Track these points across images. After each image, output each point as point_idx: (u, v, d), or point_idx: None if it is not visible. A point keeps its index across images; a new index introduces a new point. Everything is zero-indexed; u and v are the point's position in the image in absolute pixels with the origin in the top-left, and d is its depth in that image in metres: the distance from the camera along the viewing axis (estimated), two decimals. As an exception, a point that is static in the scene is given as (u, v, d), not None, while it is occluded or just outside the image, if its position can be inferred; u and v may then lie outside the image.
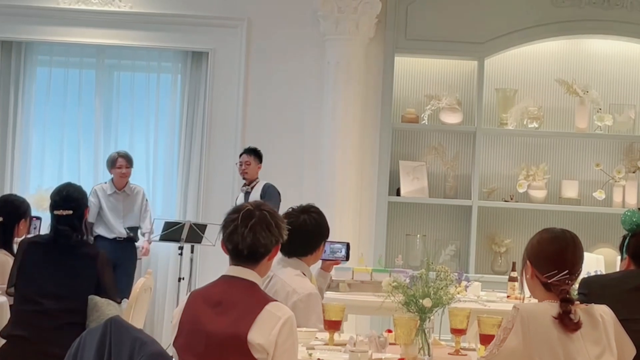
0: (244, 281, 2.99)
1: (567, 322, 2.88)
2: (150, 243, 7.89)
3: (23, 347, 4.59)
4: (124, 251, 7.62)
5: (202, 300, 3.00)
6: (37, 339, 4.56)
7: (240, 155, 7.66)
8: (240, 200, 7.38)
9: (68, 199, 4.65)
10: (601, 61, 8.12)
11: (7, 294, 4.79)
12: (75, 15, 8.17)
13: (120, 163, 7.72)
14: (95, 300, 4.66)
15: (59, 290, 4.57)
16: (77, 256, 4.61)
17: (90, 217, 7.41)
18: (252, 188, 7.54)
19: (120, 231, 7.68)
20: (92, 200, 7.57)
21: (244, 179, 7.61)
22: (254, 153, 7.60)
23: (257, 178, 7.60)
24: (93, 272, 4.59)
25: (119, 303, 4.69)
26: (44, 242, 4.68)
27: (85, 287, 4.59)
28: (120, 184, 7.77)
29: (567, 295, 2.94)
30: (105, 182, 7.83)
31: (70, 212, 4.64)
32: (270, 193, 7.36)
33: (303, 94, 8.10)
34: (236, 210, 3.04)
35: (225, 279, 3.03)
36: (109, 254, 5.01)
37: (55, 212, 4.63)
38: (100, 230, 7.70)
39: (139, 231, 7.87)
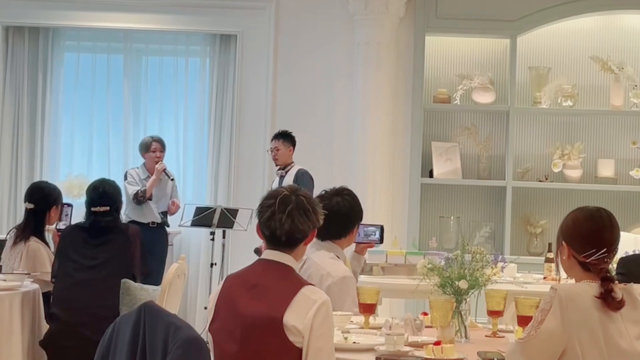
0: (280, 265, 3.01)
1: (609, 301, 2.83)
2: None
3: (59, 323, 4.70)
4: (157, 237, 7.57)
5: (238, 283, 3.01)
6: (71, 314, 4.67)
7: (271, 140, 7.55)
8: (276, 184, 7.31)
9: (105, 196, 4.93)
10: (636, 37, 8.00)
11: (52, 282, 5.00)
12: (102, -1, 8.17)
13: (155, 147, 7.65)
14: (128, 284, 4.74)
15: (92, 262, 4.82)
16: (110, 233, 4.91)
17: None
18: (286, 172, 7.42)
19: (155, 216, 7.61)
20: (132, 181, 7.54)
21: (276, 165, 7.51)
22: (283, 137, 7.45)
23: (292, 162, 7.47)
24: (125, 242, 4.89)
25: (143, 275, 4.87)
26: (83, 225, 4.96)
27: (117, 258, 4.75)
28: (154, 168, 7.70)
29: (607, 274, 2.87)
30: (137, 167, 7.72)
31: (108, 208, 4.93)
32: (303, 180, 7.22)
33: (333, 75, 8.05)
34: (272, 195, 3.04)
35: (262, 263, 3.04)
36: (143, 239, 5.11)
37: (93, 209, 4.82)
38: (133, 216, 7.60)
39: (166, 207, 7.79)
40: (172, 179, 7.72)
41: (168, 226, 7.73)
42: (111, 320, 2.90)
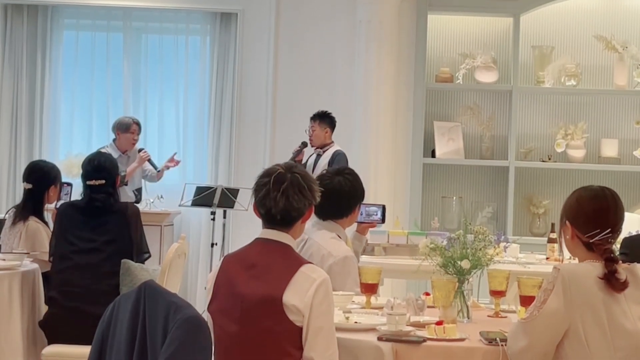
0: (278, 244, 2.99)
1: (613, 282, 2.82)
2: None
3: (59, 307, 4.67)
4: None
5: (237, 263, 2.99)
6: (70, 299, 4.63)
7: (310, 120, 7.41)
8: (312, 161, 7.32)
9: (100, 169, 4.82)
10: (640, 16, 7.95)
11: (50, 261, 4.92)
12: (101, -23, 8.12)
13: (134, 129, 7.55)
14: (128, 264, 4.71)
15: (91, 244, 4.73)
16: (109, 213, 4.79)
17: None
18: (324, 152, 7.35)
19: (129, 195, 7.49)
20: None
21: (311, 145, 7.42)
22: (320, 118, 7.35)
23: (332, 142, 7.38)
24: (124, 224, 4.77)
25: (146, 255, 4.81)
26: (79, 205, 4.85)
27: (116, 241, 4.69)
28: (126, 149, 7.61)
29: (611, 255, 2.85)
30: (107, 146, 7.52)
31: (103, 181, 4.81)
32: (339, 160, 7.20)
33: (334, 54, 8.02)
34: (267, 173, 3.02)
35: (259, 242, 3.02)
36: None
37: (88, 182, 4.76)
38: None
39: (148, 175, 7.68)
40: (159, 171, 7.66)
41: (140, 201, 7.61)
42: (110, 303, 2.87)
